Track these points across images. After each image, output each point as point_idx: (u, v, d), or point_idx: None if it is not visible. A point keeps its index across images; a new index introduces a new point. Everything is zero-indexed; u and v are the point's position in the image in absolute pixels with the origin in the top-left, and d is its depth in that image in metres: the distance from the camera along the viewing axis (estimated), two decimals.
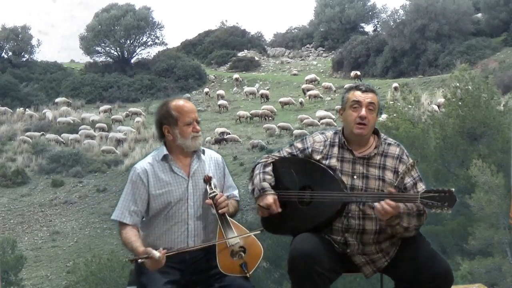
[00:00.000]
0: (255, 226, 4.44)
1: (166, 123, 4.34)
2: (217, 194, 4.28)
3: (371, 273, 4.27)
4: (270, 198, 4.22)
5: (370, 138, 4.30)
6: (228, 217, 4.27)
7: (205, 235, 4.34)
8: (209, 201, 4.26)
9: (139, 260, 4.10)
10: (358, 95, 4.24)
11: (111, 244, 32.47)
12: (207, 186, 4.31)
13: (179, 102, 4.37)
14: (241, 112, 49.65)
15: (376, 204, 4.05)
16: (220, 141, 43.60)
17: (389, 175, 4.20)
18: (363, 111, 4.20)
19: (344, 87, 47.05)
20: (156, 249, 4.18)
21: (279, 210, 4.21)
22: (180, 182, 4.32)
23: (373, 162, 4.23)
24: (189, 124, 4.32)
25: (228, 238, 4.20)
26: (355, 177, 4.20)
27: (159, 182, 4.30)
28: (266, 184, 4.27)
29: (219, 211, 4.24)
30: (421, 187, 4.20)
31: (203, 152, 4.43)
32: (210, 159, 4.44)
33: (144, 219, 4.37)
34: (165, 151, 4.35)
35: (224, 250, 4.19)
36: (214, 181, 4.36)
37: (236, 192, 4.51)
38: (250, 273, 4.18)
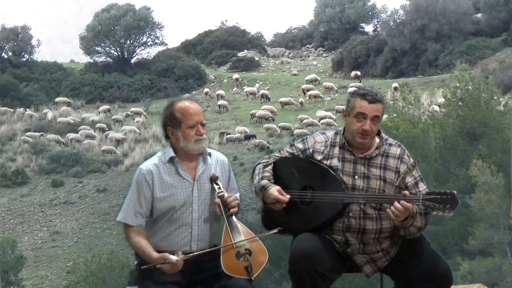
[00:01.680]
0: (255, 226, 4.42)
1: (170, 124, 4.26)
2: (225, 194, 4.22)
3: (371, 272, 4.27)
4: (273, 191, 4.20)
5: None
6: (235, 218, 4.22)
7: (208, 238, 4.30)
8: (217, 200, 4.20)
9: (157, 266, 4.08)
10: (364, 106, 4.16)
11: (111, 244, 32.50)
12: (215, 185, 4.25)
13: (184, 103, 4.26)
14: (260, 112, 49.23)
15: (388, 210, 4.04)
16: (249, 137, 44.34)
17: (390, 175, 4.19)
18: (367, 125, 4.16)
19: (352, 86, 47.08)
20: (158, 251, 4.16)
21: (288, 196, 4.19)
22: (185, 186, 4.25)
23: (374, 162, 4.23)
24: (193, 127, 4.22)
25: (237, 241, 4.14)
26: (356, 177, 4.20)
27: (164, 185, 4.23)
28: (264, 181, 4.25)
29: (230, 211, 4.19)
30: (422, 186, 4.20)
31: (209, 154, 4.34)
32: (217, 162, 4.36)
33: (147, 219, 4.30)
34: (172, 153, 4.27)
35: (230, 251, 4.14)
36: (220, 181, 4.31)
37: (237, 195, 4.42)
38: (255, 276, 4.13)
